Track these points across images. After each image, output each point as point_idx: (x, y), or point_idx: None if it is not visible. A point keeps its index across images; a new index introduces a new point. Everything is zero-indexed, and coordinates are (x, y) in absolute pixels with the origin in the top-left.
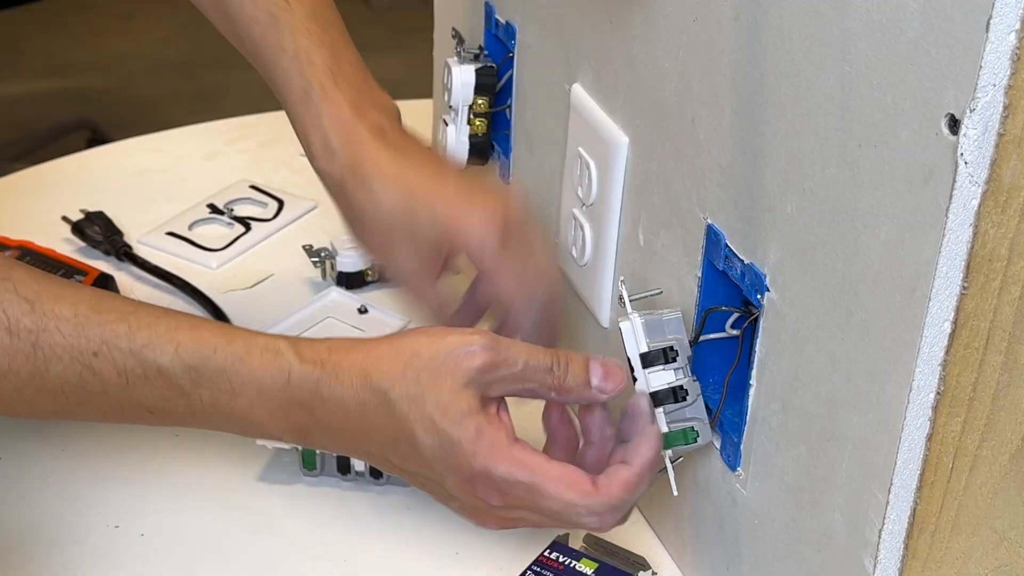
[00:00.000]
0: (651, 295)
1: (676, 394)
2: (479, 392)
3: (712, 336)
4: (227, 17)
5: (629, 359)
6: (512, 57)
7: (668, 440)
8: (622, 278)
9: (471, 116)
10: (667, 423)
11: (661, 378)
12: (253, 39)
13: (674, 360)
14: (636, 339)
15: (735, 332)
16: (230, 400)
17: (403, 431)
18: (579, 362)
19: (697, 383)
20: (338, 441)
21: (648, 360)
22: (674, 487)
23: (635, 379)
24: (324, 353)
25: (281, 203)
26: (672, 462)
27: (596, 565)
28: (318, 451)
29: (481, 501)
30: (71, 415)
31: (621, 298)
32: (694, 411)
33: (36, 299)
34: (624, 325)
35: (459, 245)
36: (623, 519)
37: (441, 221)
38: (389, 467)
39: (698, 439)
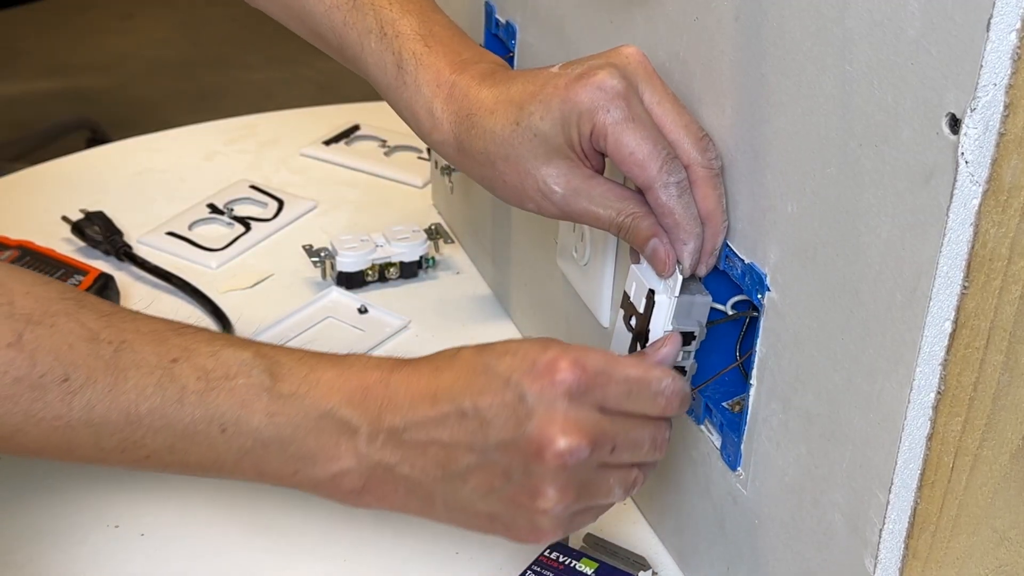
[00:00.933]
0: (695, 295)
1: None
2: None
3: (717, 307)
4: (303, 15)
5: (648, 331)
6: (513, 56)
7: None
8: (679, 264)
9: None
10: None
11: None
12: (335, 29)
13: (689, 344)
14: (667, 317)
15: (732, 312)
16: (311, 388)
17: (476, 365)
18: (633, 357)
19: (695, 364)
20: (416, 413)
21: None
22: None
23: (646, 340)
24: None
25: (281, 203)
26: None
27: (596, 565)
28: None
29: (561, 390)
30: (135, 447)
31: (672, 279)
32: None
33: (112, 315)
34: (661, 300)
35: (580, 122)
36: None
37: (555, 105)
38: (467, 434)
39: None
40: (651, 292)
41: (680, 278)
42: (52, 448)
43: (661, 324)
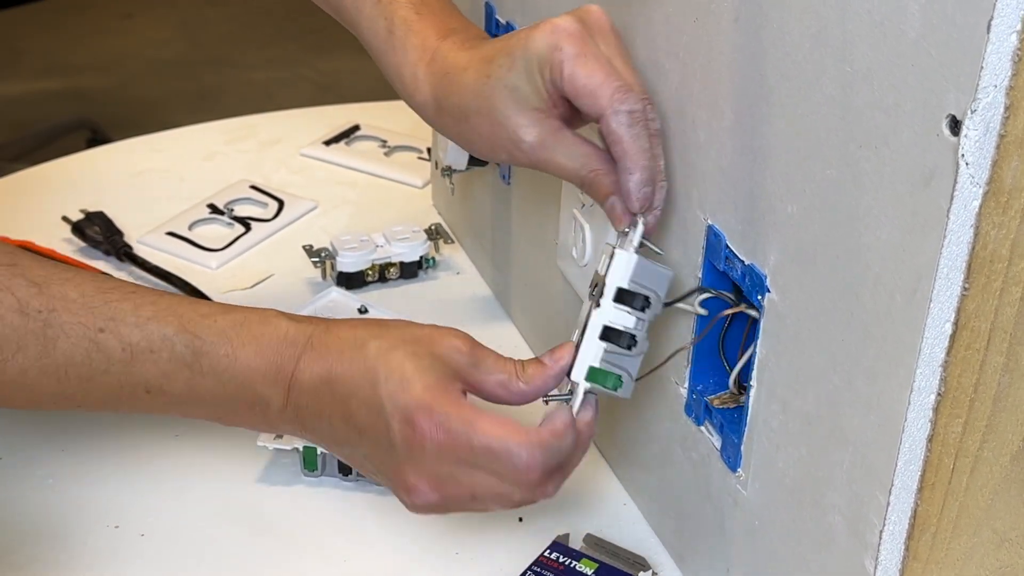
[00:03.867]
0: (655, 251)
1: (625, 340)
2: (450, 370)
3: (680, 304)
4: None
5: (605, 285)
6: None
7: (592, 374)
8: (640, 218)
9: None
10: (600, 359)
11: (622, 318)
12: None
13: (643, 311)
14: (624, 273)
15: (701, 311)
16: (229, 364)
17: (368, 373)
18: (531, 360)
19: (647, 344)
20: (317, 397)
21: (622, 297)
22: (575, 408)
23: (599, 304)
24: (314, 320)
25: (281, 203)
26: (585, 393)
27: (596, 565)
28: (319, 451)
29: (418, 446)
30: (69, 400)
31: (628, 233)
32: (630, 364)
33: (43, 282)
34: (620, 254)
35: (540, 66)
36: (555, 477)
37: (518, 55)
38: (349, 433)
39: (618, 390)
40: (611, 248)
41: (640, 228)
42: None
43: (618, 279)
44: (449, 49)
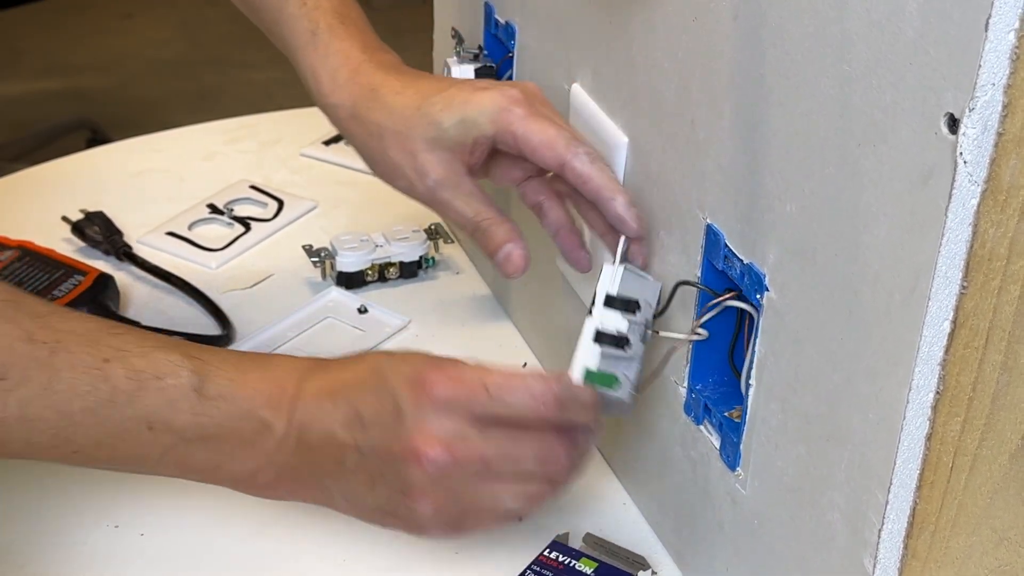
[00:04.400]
0: (644, 276)
1: (618, 342)
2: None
3: (673, 335)
4: None
5: (595, 295)
6: (512, 57)
7: (589, 375)
8: (623, 237)
9: None
10: (598, 362)
11: (614, 321)
12: None
13: (633, 313)
14: (611, 282)
15: (702, 333)
16: (236, 388)
17: (373, 367)
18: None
19: (642, 347)
20: (320, 410)
21: (611, 303)
22: None
23: (590, 313)
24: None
25: (281, 203)
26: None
27: (596, 564)
28: None
29: (428, 400)
30: (67, 442)
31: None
32: (627, 369)
33: (47, 316)
34: (607, 267)
35: (481, 122)
36: (566, 441)
37: (457, 104)
38: (354, 434)
39: (617, 391)
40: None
41: (623, 244)
42: None
43: (606, 287)
44: (376, 69)
